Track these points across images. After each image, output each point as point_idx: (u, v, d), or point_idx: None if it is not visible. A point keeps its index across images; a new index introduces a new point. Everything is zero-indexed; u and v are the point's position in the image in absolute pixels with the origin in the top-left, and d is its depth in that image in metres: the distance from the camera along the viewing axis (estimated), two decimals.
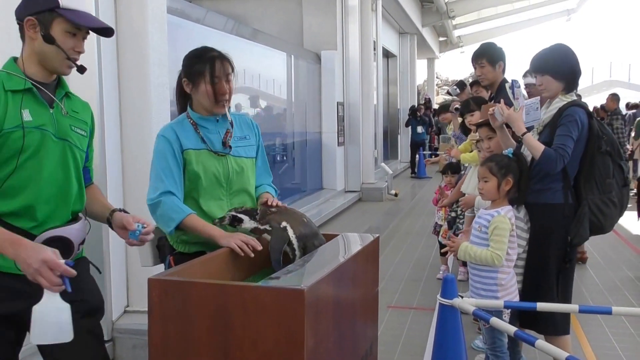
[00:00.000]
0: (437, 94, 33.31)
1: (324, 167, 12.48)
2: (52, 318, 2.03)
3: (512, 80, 3.98)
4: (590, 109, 3.79)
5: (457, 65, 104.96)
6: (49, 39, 2.26)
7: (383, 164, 15.31)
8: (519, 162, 3.54)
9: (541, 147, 3.54)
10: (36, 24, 2.26)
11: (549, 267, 3.63)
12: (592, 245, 7.73)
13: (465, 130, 5.45)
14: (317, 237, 2.85)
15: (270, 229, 2.75)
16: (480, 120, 4.14)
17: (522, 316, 3.66)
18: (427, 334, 4.85)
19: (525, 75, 6.04)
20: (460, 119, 5.65)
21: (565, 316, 3.68)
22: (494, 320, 2.62)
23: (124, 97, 4.49)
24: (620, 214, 3.72)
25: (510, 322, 3.32)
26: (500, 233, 3.40)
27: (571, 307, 3.38)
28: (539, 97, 3.89)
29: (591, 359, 4.45)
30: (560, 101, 3.67)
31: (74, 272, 2.05)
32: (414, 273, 6.98)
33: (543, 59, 3.75)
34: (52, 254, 2.04)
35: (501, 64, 4.74)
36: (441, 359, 2.86)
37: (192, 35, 6.97)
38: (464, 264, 5.73)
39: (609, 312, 3.18)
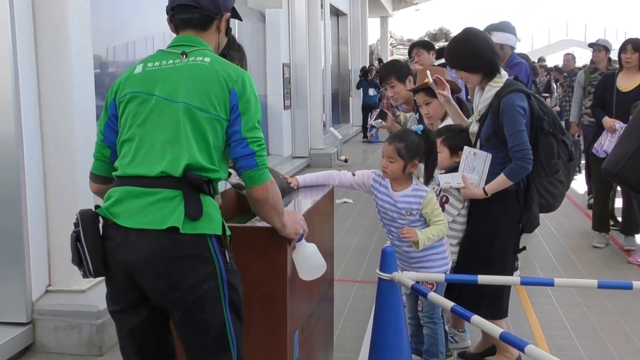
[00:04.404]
0: (392, 54, 33.03)
1: (270, 131, 12.11)
2: (312, 261, 2.65)
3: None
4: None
5: (411, 24, 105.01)
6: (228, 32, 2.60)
7: (332, 129, 15.17)
8: (427, 141, 3.43)
9: (503, 179, 3.48)
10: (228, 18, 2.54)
11: (503, 253, 3.67)
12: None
13: None
14: (289, 189, 3.36)
15: None
16: (416, 86, 4.10)
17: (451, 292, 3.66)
18: (370, 307, 4.70)
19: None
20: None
21: (499, 299, 3.69)
22: (432, 295, 2.65)
23: (42, 61, 4.14)
24: (567, 189, 3.78)
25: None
26: (437, 207, 3.48)
27: (513, 280, 3.41)
28: None
29: (537, 330, 4.37)
30: (492, 88, 3.59)
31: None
32: (360, 243, 6.91)
33: (453, 56, 3.67)
34: None
35: (410, 79, 4.72)
36: (381, 335, 2.88)
37: None
38: None
39: (551, 284, 3.16)
